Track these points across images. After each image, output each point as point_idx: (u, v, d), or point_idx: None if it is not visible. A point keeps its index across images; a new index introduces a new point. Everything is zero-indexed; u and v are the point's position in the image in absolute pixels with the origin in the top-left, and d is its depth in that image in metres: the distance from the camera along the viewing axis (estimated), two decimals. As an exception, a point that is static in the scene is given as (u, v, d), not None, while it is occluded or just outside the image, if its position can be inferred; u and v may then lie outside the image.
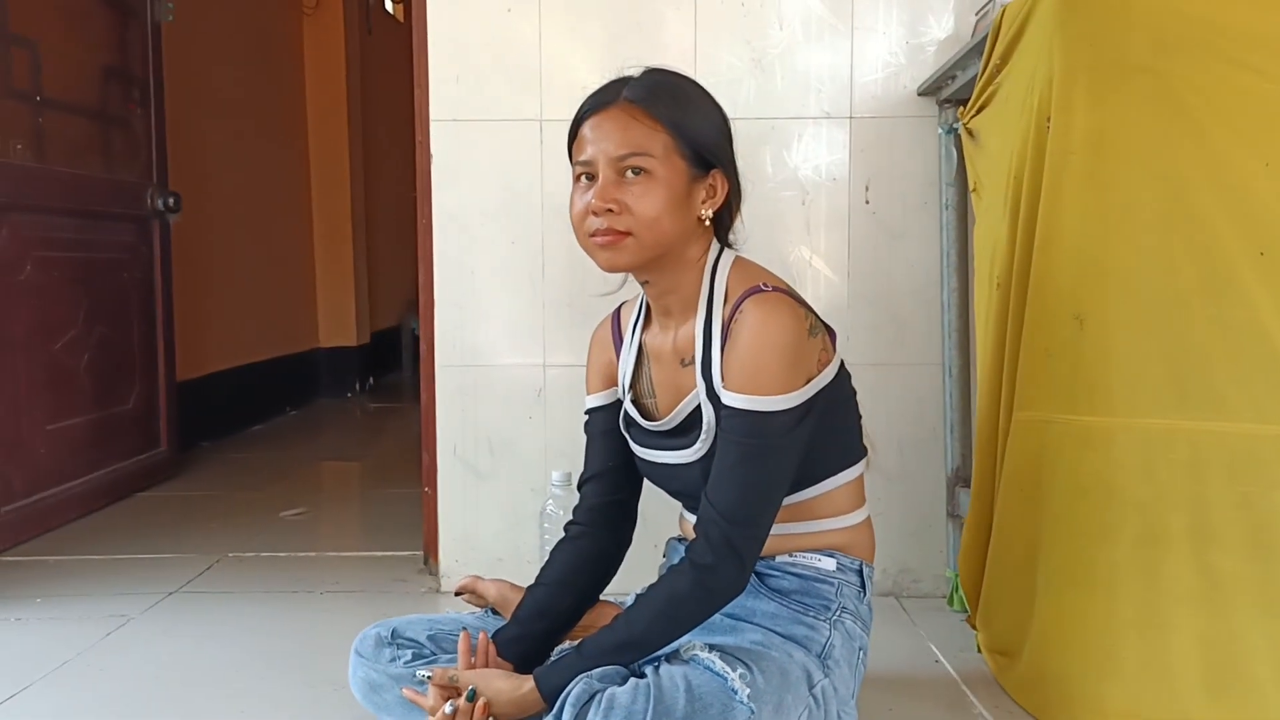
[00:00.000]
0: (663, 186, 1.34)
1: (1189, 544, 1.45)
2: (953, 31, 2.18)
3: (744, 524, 1.31)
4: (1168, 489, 1.46)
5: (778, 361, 1.32)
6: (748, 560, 1.32)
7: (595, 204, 1.34)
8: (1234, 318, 1.44)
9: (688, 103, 1.39)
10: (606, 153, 1.34)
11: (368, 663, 1.49)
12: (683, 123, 1.36)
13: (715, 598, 1.33)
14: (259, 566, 2.52)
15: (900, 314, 2.23)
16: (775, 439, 1.31)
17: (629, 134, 1.34)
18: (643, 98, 1.36)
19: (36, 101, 2.88)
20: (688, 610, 1.32)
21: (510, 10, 2.22)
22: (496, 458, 2.29)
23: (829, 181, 2.22)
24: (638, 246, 1.35)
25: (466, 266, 2.26)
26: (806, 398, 1.33)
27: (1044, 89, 1.54)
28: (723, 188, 1.41)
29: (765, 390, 1.31)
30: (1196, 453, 1.45)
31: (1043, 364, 1.57)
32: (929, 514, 2.24)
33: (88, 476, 3.07)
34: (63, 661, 1.90)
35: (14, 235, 2.75)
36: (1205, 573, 1.45)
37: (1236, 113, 1.45)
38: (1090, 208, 1.51)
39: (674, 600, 1.32)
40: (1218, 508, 1.45)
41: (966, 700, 1.72)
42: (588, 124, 1.38)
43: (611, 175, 1.34)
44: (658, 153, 1.34)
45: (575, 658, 1.32)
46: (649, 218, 1.33)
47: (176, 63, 3.67)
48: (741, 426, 1.32)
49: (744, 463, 1.31)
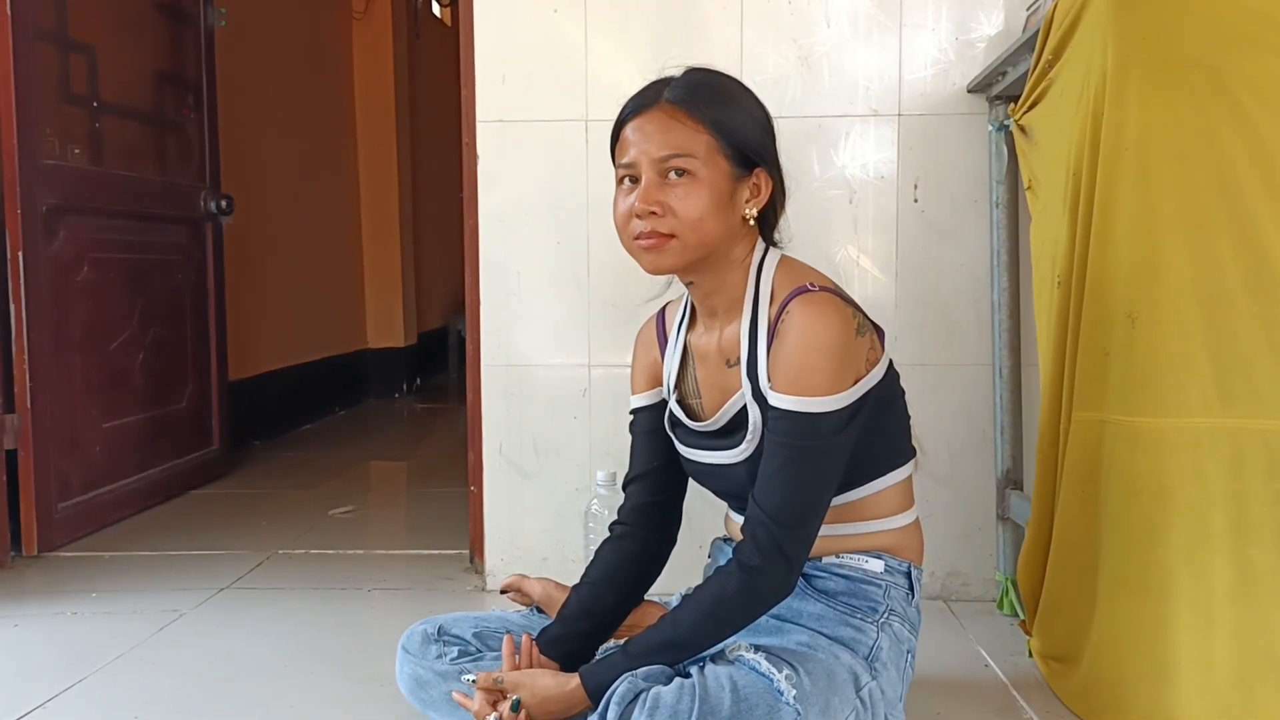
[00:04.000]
0: (706, 187, 1.33)
1: (1229, 540, 1.44)
2: (1003, 28, 2.15)
3: (792, 526, 1.30)
4: (1213, 488, 1.44)
5: (825, 362, 1.30)
6: (795, 563, 1.31)
7: (639, 206, 1.33)
8: (1277, 316, 1.42)
9: (730, 102, 1.38)
10: (649, 154, 1.34)
11: (414, 659, 1.50)
12: (725, 122, 1.35)
13: (762, 600, 1.32)
14: (308, 563, 2.55)
15: (949, 314, 2.20)
16: (823, 440, 1.30)
17: (671, 135, 1.33)
18: (684, 98, 1.35)
19: (93, 106, 2.95)
20: (734, 612, 1.32)
21: (556, 11, 2.22)
22: (541, 457, 2.30)
23: (877, 180, 2.19)
24: (681, 248, 1.34)
25: (512, 267, 2.27)
26: (855, 398, 1.32)
27: (1099, 84, 1.51)
28: (767, 187, 1.40)
29: (813, 391, 1.30)
30: (1237, 450, 1.44)
31: (1101, 363, 1.54)
32: (979, 517, 2.21)
33: (142, 474, 3.12)
34: (117, 655, 1.94)
35: (71, 237, 2.81)
36: (1243, 567, 1.43)
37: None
38: (1142, 204, 1.48)
39: (721, 601, 1.31)
40: (1255, 504, 1.43)
41: (1017, 705, 1.69)
42: (629, 126, 1.38)
43: (654, 177, 1.34)
44: (700, 153, 1.33)
45: (621, 656, 1.32)
46: (693, 219, 1.33)
47: (229, 67, 3.73)
48: (789, 428, 1.31)
49: (791, 464, 1.30)
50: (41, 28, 2.70)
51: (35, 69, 2.65)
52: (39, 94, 2.67)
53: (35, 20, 2.66)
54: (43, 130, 2.69)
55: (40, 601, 2.28)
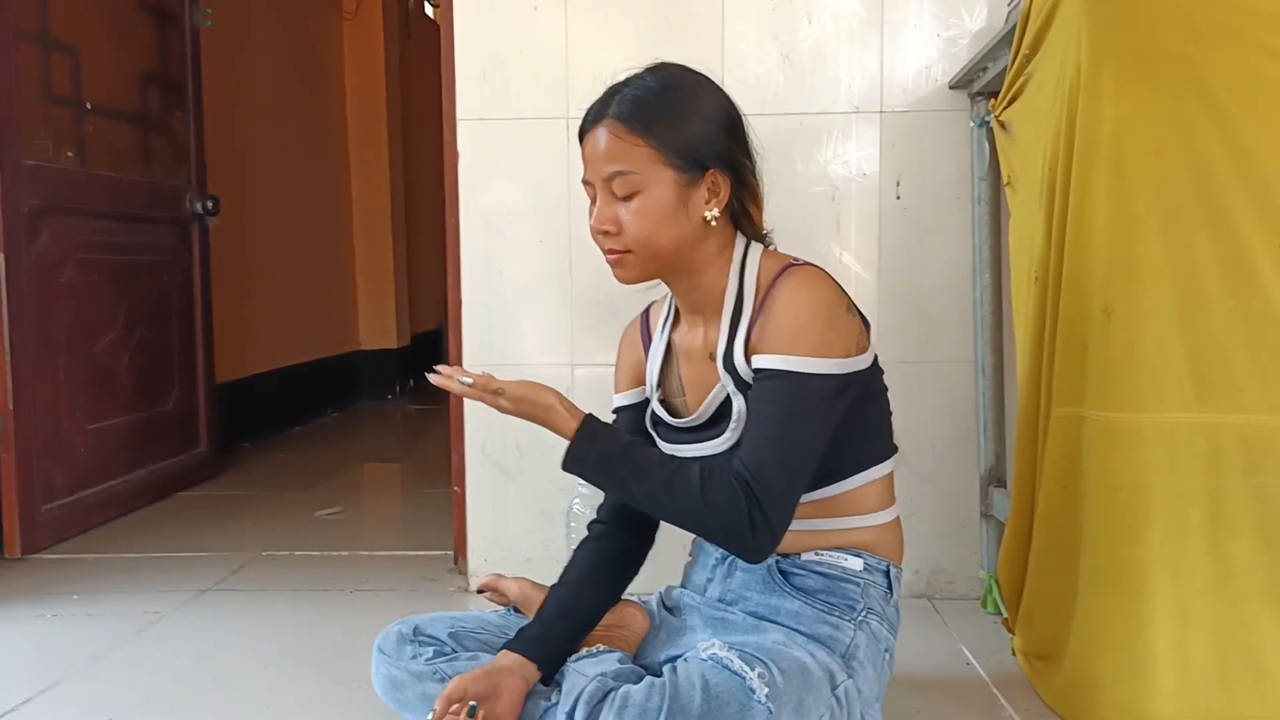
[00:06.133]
0: (651, 201, 1.34)
1: (1206, 536, 1.43)
2: (985, 24, 2.15)
3: (775, 490, 1.27)
4: (1190, 484, 1.43)
5: (816, 324, 1.31)
6: (777, 529, 1.28)
7: (594, 226, 1.38)
8: (1254, 309, 1.41)
9: (675, 106, 1.36)
10: (597, 173, 1.37)
11: (389, 660, 1.48)
12: (667, 131, 1.34)
13: (731, 541, 1.28)
14: (292, 565, 2.54)
15: (932, 311, 2.19)
16: (813, 402, 1.29)
17: (612, 153, 1.35)
18: (623, 113, 1.35)
19: (77, 107, 2.93)
20: (697, 519, 1.29)
21: (537, 9, 2.21)
22: (525, 457, 2.28)
23: (859, 177, 2.19)
24: (639, 262, 1.37)
25: (494, 267, 2.26)
26: (844, 371, 1.32)
27: (1074, 78, 1.50)
28: (724, 186, 1.39)
29: (802, 351, 1.30)
30: (1214, 445, 1.43)
31: (1079, 358, 1.53)
32: (963, 514, 2.20)
33: (127, 476, 3.11)
34: (95, 657, 1.93)
35: (55, 238, 2.80)
36: (1220, 564, 1.42)
37: (1265, 101, 1.41)
38: (1118, 199, 1.47)
39: (699, 507, 1.27)
40: (1233, 499, 1.42)
41: (998, 704, 1.68)
42: (584, 143, 1.40)
43: (605, 195, 1.37)
44: (641, 167, 1.34)
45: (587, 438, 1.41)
46: (641, 236, 1.35)
47: (217, 68, 3.73)
48: (778, 387, 1.30)
49: (781, 425, 1.29)
50: (23, 28, 2.68)
51: (17, 69, 2.64)
52: (21, 95, 2.66)
53: (16, 21, 2.65)
54: (25, 131, 2.68)
55: (22, 604, 2.27)
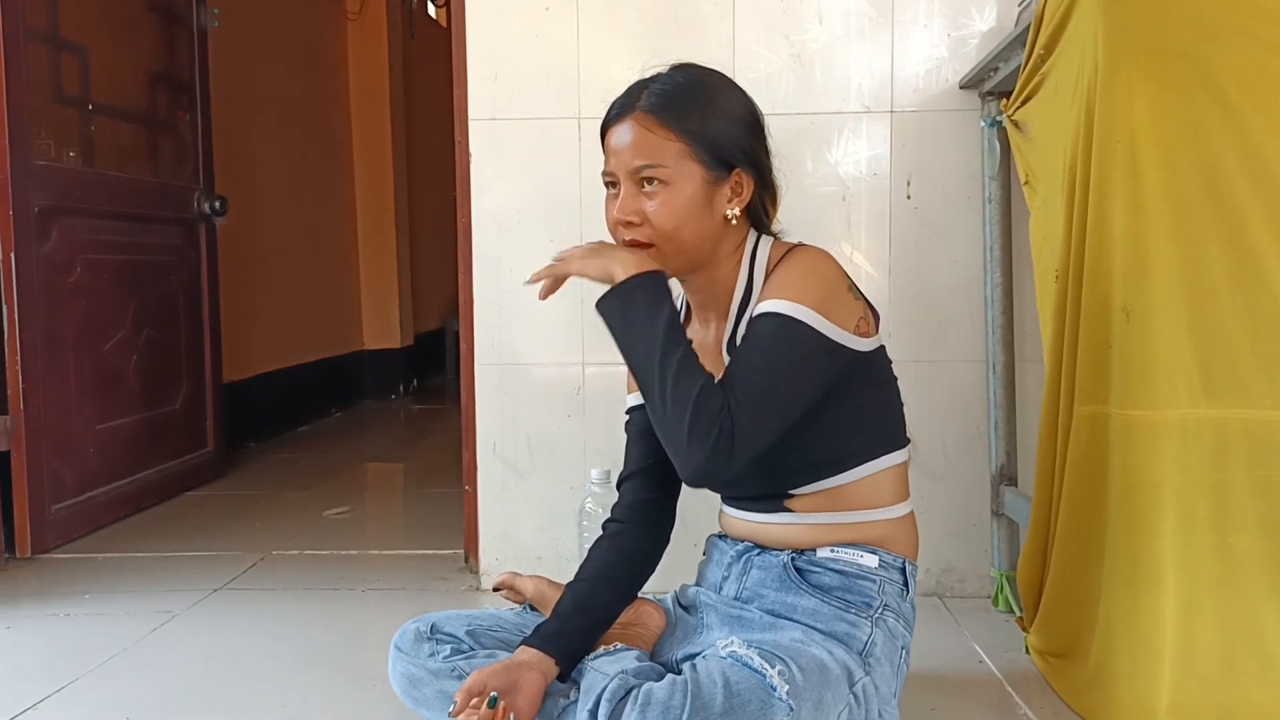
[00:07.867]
0: (679, 196, 1.35)
1: (1212, 528, 1.45)
2: (995, 24, 2.15)
3: (748, 410, 1.25)
4: (1197, 478, 1.45)
5: (814, 282, 1.33)
6: (738, 446, 1.25)
7: (617, 217, 1.38)
8: (1261, 307, 1.43)
9: (705, 104, 1.38)
10: (624, 165, 1.37)
11: (407, 657, 1.49)
12: (697, 127, 1.36)
13: (695, 437, 1.24)
14: (302, 564, 2.55)
15: (943, 310, 2.19)
16: (799, 349, 1.29)
17: (642, 145, 1.36)
18: (656, 106, 1.36)
19: (86, 107, 2.94)
20: (682, 400, 1.25)
21: (548, 9, 2.22)
22: (536, 456, 2.29)
23: (870, 177, 2.19)
24: (662, 255, 1.38)
25: (505, 265, 2.26)
26: (838, 339, 1.33)
27: (1091, 77, 1.51)
28: (748, 185, 1.40)
29: (801, 301, 1.31)
30: (1221, 440, 1.45)
31: (1102, 357, 1.54)
32: (973, 513, 2.20)
33: (136, 476, 3.12)
34: (109, 656, 1.93)
35: (64, 238, 2.80)
36: (1226, 555, 1.44)
37: (1275, 100, 1.42)
38: (1133, 197, 1.48)
39: (699, 394, 1.25)
40: (1238, 492, 1.44)
41: (1011, 701, 1.69)
42: (609, 135, 1.41)
43: (631, 187, 1.37)
44: (671, 162, 1.35)
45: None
46: (667, 229, 1.36)
47: (223, 68, 3.72)
48: (768, 326, 1.31)
49: (764, 361, 1.29)
50: (33, 28, 2.69)
51: (26, 70, 2.64)
52: (31, 95, 2.66)
53: (26, 21, 2.65)
54: (35, 131, 2.68)
55: (33, 603, 2.28)
